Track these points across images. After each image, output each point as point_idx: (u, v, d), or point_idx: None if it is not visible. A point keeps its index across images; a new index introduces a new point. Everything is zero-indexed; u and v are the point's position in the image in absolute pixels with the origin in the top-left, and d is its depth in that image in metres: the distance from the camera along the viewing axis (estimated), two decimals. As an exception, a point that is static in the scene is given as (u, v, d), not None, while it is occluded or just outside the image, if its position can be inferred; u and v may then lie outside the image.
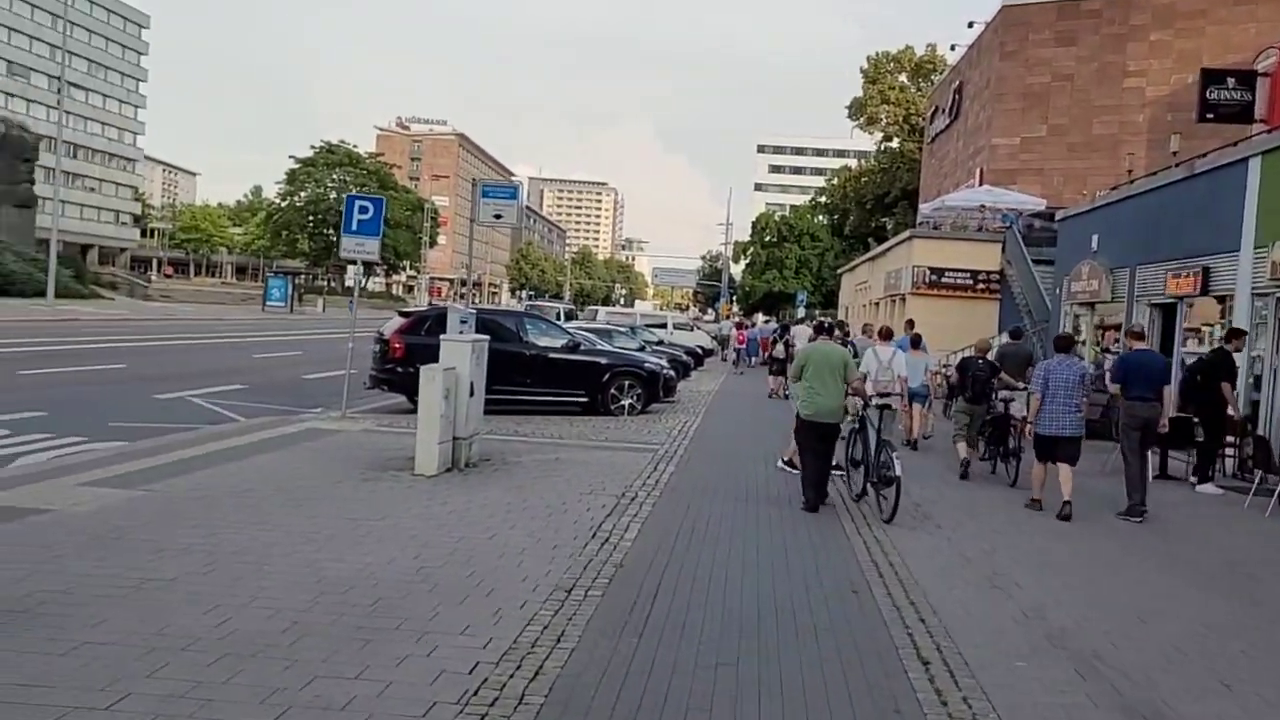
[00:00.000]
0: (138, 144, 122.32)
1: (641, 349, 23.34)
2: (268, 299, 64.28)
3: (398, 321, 17.31)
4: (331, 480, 9.67)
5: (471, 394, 10.87)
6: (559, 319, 36.42)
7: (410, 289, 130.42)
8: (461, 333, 14.78)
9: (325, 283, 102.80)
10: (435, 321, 16.08)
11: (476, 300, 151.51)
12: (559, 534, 7.96)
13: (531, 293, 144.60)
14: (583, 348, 17.82)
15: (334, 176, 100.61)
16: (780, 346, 24.52)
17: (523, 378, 16.83)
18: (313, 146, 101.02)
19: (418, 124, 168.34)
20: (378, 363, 16.84)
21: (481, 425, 11.60)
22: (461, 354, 10.87)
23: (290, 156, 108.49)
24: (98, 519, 7.49)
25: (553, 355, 17.36)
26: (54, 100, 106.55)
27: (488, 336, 12.27)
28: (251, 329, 41.22)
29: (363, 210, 15.04)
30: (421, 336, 15.97)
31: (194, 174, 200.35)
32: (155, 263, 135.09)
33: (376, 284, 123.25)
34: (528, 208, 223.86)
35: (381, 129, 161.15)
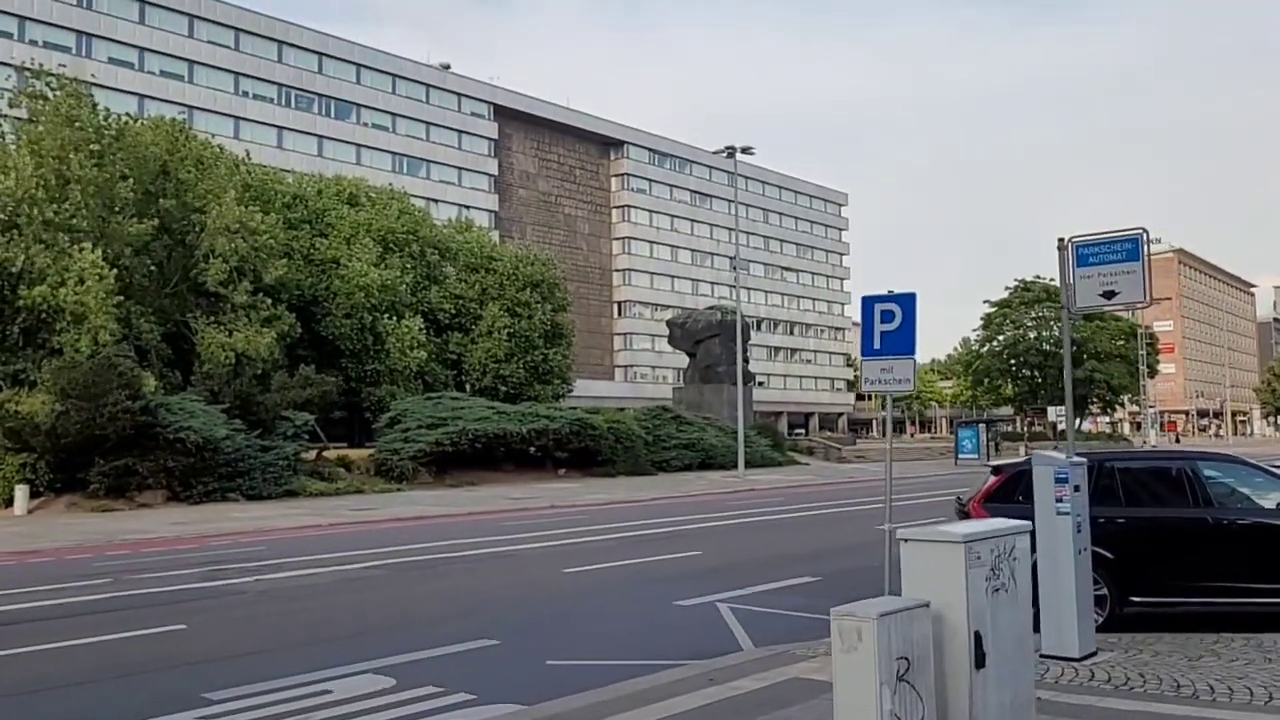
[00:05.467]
0: (845, 313, 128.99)
1: None
2: (959, 451, 59.67)
3: (988, 481, 11.37)
4: None
5: (981, 663, 4.78)
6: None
7: (1137, 425, 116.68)
8: (1060, 500, 8.59)
9: (1027, 427, 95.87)
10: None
11: (1219, 431, 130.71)
12: None
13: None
14: (1325, 506, 10.03)
15: (1032, 315, 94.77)
16: None
17: (1203, 567, 9.72)
18: (1006, 287, 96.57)
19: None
20: (960, 547, 11.03)
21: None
22: (949, 572, 4.87)
23: (985, 301, 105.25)
24: None
25: (1266, 522, 9.93)
26: (770, 285, 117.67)
27: (1024, 524, 5.89)
28: (922, 488, 36.53)
29: (885, 317, 9.72)
30: (1016, 504, 9.93)
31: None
32: (874, 424, 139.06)
33: (1100, 422, 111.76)
34: (1276, 320, 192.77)
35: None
